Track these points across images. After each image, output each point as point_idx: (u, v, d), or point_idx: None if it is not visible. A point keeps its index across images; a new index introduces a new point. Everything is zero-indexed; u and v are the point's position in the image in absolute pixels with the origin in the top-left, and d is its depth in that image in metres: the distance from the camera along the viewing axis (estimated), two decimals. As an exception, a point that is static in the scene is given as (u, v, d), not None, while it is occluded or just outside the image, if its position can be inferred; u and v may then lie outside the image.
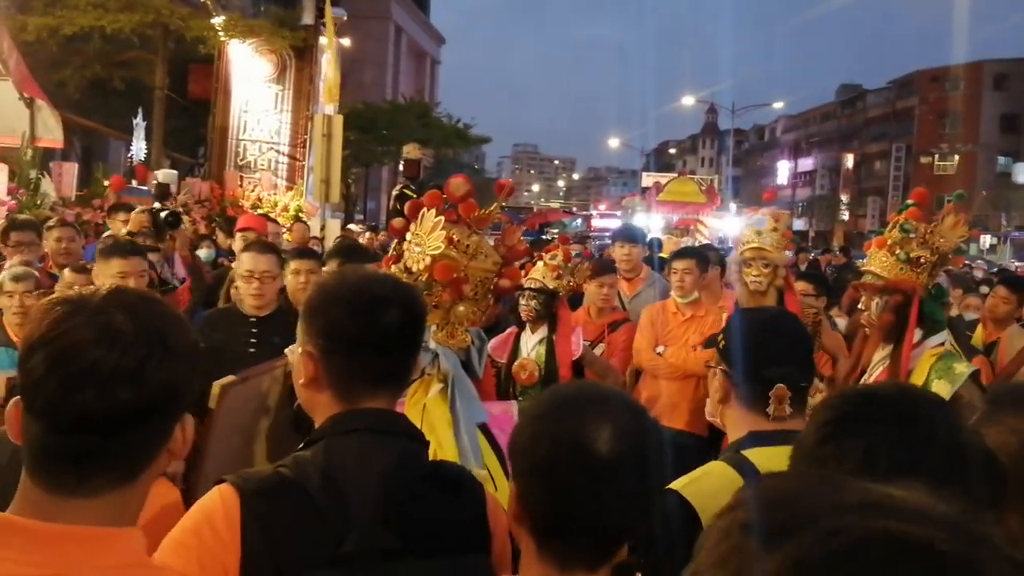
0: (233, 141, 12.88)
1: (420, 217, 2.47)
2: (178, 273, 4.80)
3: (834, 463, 1.06)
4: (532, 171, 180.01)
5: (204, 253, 6.99)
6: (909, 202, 3.50)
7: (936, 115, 55.52)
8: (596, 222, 35.00)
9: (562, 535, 1.24)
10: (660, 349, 4.60)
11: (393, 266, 2.53)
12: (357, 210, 30.15)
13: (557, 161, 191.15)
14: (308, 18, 13.48)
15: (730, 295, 5.27)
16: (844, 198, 62.13)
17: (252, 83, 12.89)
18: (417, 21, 46.76)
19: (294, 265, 4.12)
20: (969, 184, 39.37)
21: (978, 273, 13.63)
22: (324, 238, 10.06)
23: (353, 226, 16.03)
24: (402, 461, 1.46)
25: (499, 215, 2.63)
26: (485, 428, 2.47)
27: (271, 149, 12.91)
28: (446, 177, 2.63)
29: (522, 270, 3.90)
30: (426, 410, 2.38)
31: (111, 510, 1.08)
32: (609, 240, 15.11)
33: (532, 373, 4.13)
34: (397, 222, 2.62)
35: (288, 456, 1.49)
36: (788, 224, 4.06)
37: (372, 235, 12.75)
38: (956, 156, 53.31)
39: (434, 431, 2.30)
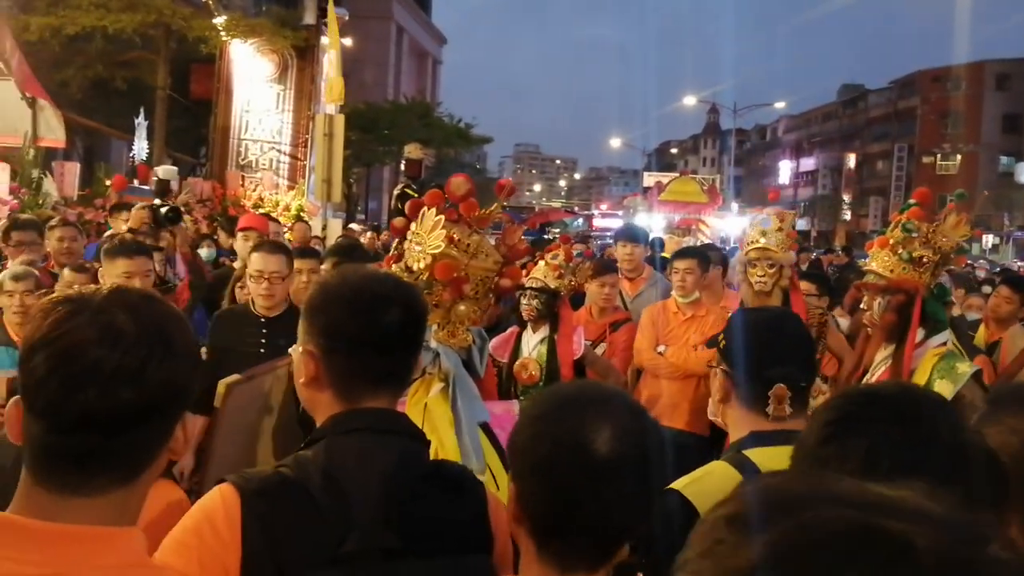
0: (235, 141, 12.88)
1: (421, 216, 2.47)
2: (179, 272, 4.79)
3: (836, 463, 1.05)
4: (534, 171, 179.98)
5: (205, 252, 7.00)
6: (911, 202, 3.50)
7: (938, 115, 55.47)
8: (598, 222, 34.99)
9: (562, 535, 1.24)
10: (661, 349, 4.59)
11: (394, 265, 2.53)
12: (359, 210, 30.16)
13: (559, 161, 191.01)
14: (310, 18, 13.50)
15: (731, 295, 5.27)
16: (846, 198, 62.09)
17: (254, 83, 12.89)
18: (419, 21, 46.76)
19: (295, 264, 4.12)
20: (971, 184, 39.40)
21: (980, 273, 13.62)
22: (326, 238, 10.07)
23: (354, 225, 16.03)
24: (403, 461, 1.46)
25: (500, 214, 2.63)
26: (487, 427, 2.47)
27: (273, 149, 12.92)
28: (448, 177, 2.63)
29: (523, 270, 3.90)
30: (427, 409, 2.38)
31: (112, 509, 1.08)
32: (611, 240, 15.13)
33: (533, 373, 4.13)
34: (398, 221, 2.62)
35: (289, 456, 1.49)
36: (793, 224, 4.05)
37: (373, 235, 12.75)
38: (958, 156, 53.27)
39: (435, 430, 2.30)
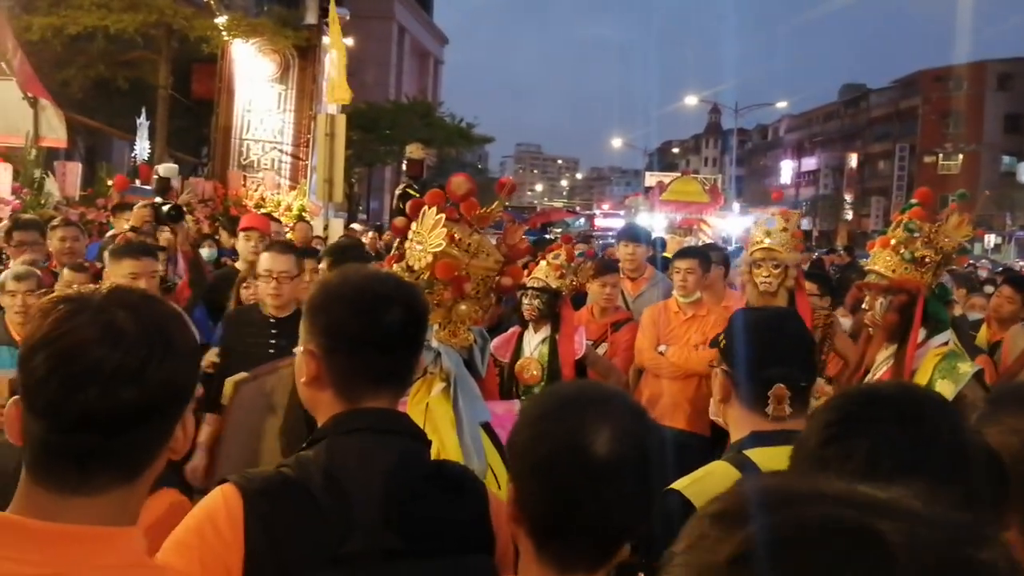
0: (236, 140, 12.87)
1: (421, 216, 2.47)
2: (180, 271, 4.78)
3: (837, 464, 1.05)
4: (535, 171, 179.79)
5: (206, 252, 6.99)
6: (913, 202, 3.50)
7: (940, 115, 55.41)
8: (599, 221, 34.90)
9: (561, 536, 1.23)
10: (662, 348, 4.59)
11: (395, 265, 2.53)
12: (360, 210, 30.15)
13: (560, 161, 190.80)
14: (311, 17, 13.49)
15: (733, 295, 5.26)
16: (848, 198, 62.02)
17: (255, 83, 12.88)
18: (420, 21, 46.74)
19: None
20: (973, 184, 39.37)
21: (982, 272, 13.60)
22: (327, 238, 10.07)
23: (356, 225, 16.02)
24: (404, 461, 1.46)
25: (501, 213, 2.63)
26: (488, 427, 2.47)
27: (274, 148, 12.91)
28: (449, 177, 2.63)
29: (525, 269, 3.90)
30: (429, 409, 2.37)
31: (112, 509, 1.07)
32: (613, 240, 15.10)
33: (535, 372, 4.13)
34: (399, 221, 2.62)
35: (291, 456, 1.49)
36: (798, 224, 4.04)
37: (375, 235, 12.74)
38: (960, 156, 53.20)
39: (437, 430, 2.30)
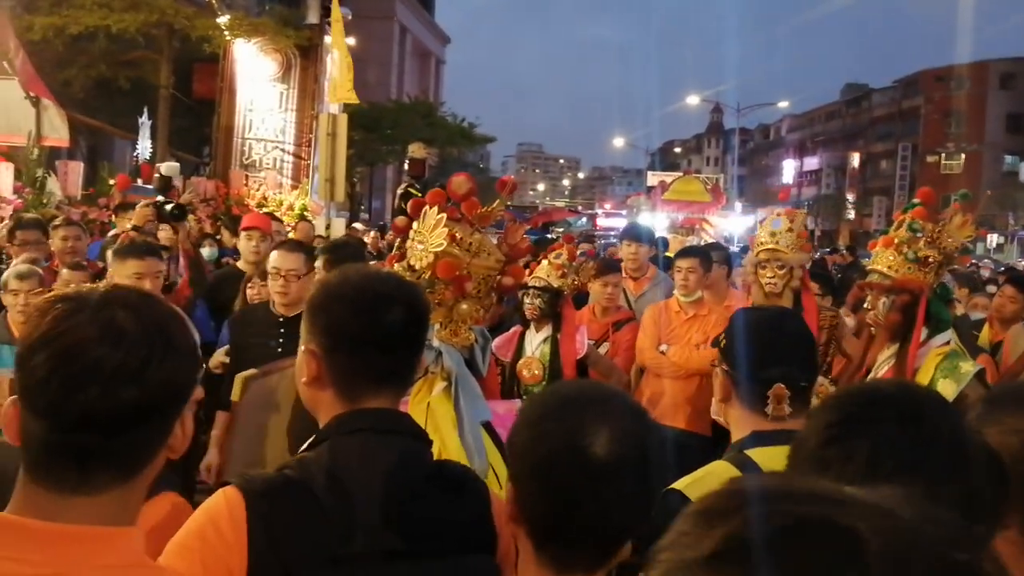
0: (238, 140, 12.86)
1: (423, 215, 2.47)
2: (180, 269, 4.79)
3: (838, 465, 1.04)
4: (537, 170, 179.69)
5: (207, 251, 6.98)
6: (915, 201, 3.49)
7: (942, 114, 55.37)
8: (601, 221, 34.85)
9: (561, 536, 1.23)
10: (663, 348, 4.58)
11: (396, 264, 2.52)
12: (362, 209, 30.15)
13: (562, 160, 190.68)
14: (313, 17, 13.47)
15: (735, 294, 5.25)
16: (850, 197, 61.98)
17: (257, 82, 12.88)
18: (422, 21, 46.74)
19: None
20: (975, 183, 39.33)
21: (985, 272, 13.57)
22: (329, 237, 10.05)
23: (358, 225, 16.02)
24: (405, 461, 1.46)
25: (502, 213, 2.62)
26: (489, 426, 2.47)
27: (276, 148, 12.90)
28: (451, 176, 2.62)
29: (526, 269, 3.89)
30: (430, 409, 2.37)
31: (113, 508, 1.07)
32: (615, 239, 15.10)
33: (536, 372, 4.12)
34: (400, 220, 2.62)
35: (295, 456, 1.49)
36: (804, 224, 4.02)
37: (377, 235, 12.74)
38: (962, 155, 53.18)
39: (438, 430, 2.29)
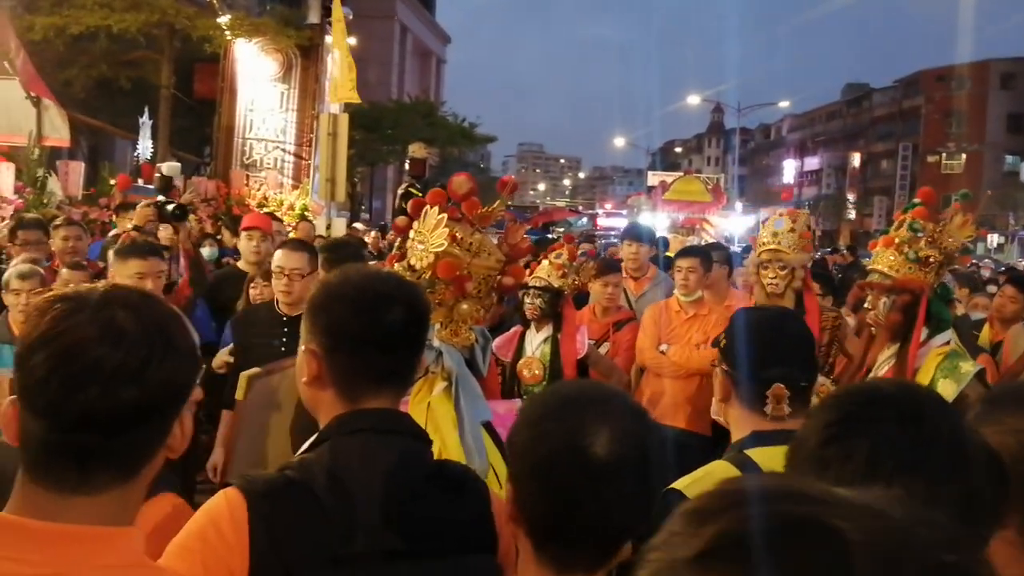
0: (239, 140, 12.86)
1: (423, 215, 2.47)
2: (181, 269, 4.81)
3: (838, 464, 1.03)
4: (537, 170, 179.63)
5: (207, 251, 6.98)
6: (915, 201, 3.49)
7: (943, 114, 55.37)
8: (602, 221, 34.85)
9: (561, 536, 1.22)
10: (663, 347, 4.58)
11: (397, 264, 2.53)
12: (363, 209, 30.16)
13: (563, 160, 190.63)
14: (314, 17, 13.47)
15: (736, 294, 5.25)
16: (850, 197, 61.97)
17: (258, 82, 12.88)
18: (423, 20, 46.74)
19: None
20: (976, 183, 39.33)
21: (985, 272, 13.57)
22: (330, 237, 10.05)
23: (358, 225, 16.02)
24: (405, 461, 1.46)
25: (502, 213, 2.62)
26: (489, 426, 2.47)
27: (277, 148, 12.90)
28: (451, 176, 2.63)
29: (527, 269, 3.89)
30: (430, 409, 2.37)
31: (112, 508, 1.07)
32: (615, 239, 15.09)
33: (536, 372, 4.12)
34: (400, 220, 2.62)
35: (294, 458, 1.49)
36: (808, 224, 4.01)
37: (377, 235, 12.74)
38: (963, 155, 53.18)
39: (439, 430, 2.29)
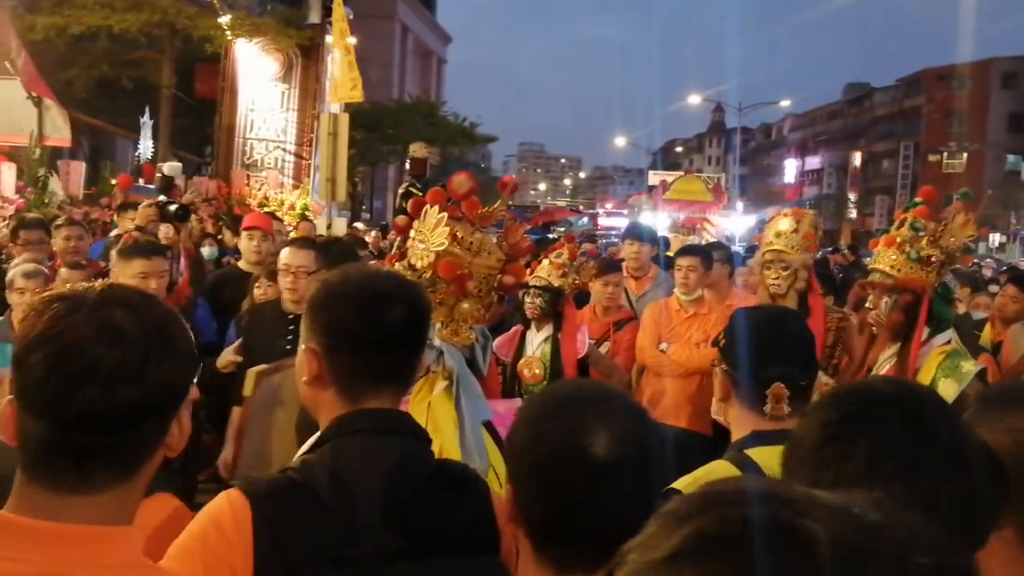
0: (240, 140, 12.86)
1: (423, 214, 2.47)
2: (182, 268, 4.82)
3: (836, 464, 1.02)
4: (538, 170, 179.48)
5: (207, 251, 6.99)
6: (917, 200, 3.49)
7: (944, 114, 55.33)
8: (602, 220, 34.84)
9: (561, 536, 1.22)
10: (663, 346, 4.58)
11: (397, 263, 2.53)
12: (363, 209, 30.17)
13: (563, 160, 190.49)
14: (315, 17, 13.47)
15: (737, 294, 5.25)
16: (851, 197, 61.91)
17: (258, 82, 12.88)
18: (423, 20, 46.75)
19: None
20: (977, 183, 39.26)
21: (987, 271, 13.57)
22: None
23: (359, 224, 16.02)
24: (406, 461, 1.45)
25: (503, 212, 2.62)
26: (490, 425, 2.47)
27: (278, 148, 12.90)
28: (452, 175, 2.63)
29: (527, 268, 3.90)
30: (431, 408, 2.38)
31: (111, 507, 1.07)
32: (616, 239, 15.06)
33: (537, 371, 4.12)
34: (401, 219, 2.62)
35: (297, 459, 1.49)
36: (814, 224, 3.99)
37: (378, 234, 12.73)
38: (964, 155, 53.14)
39: (439, 429, 2.30)
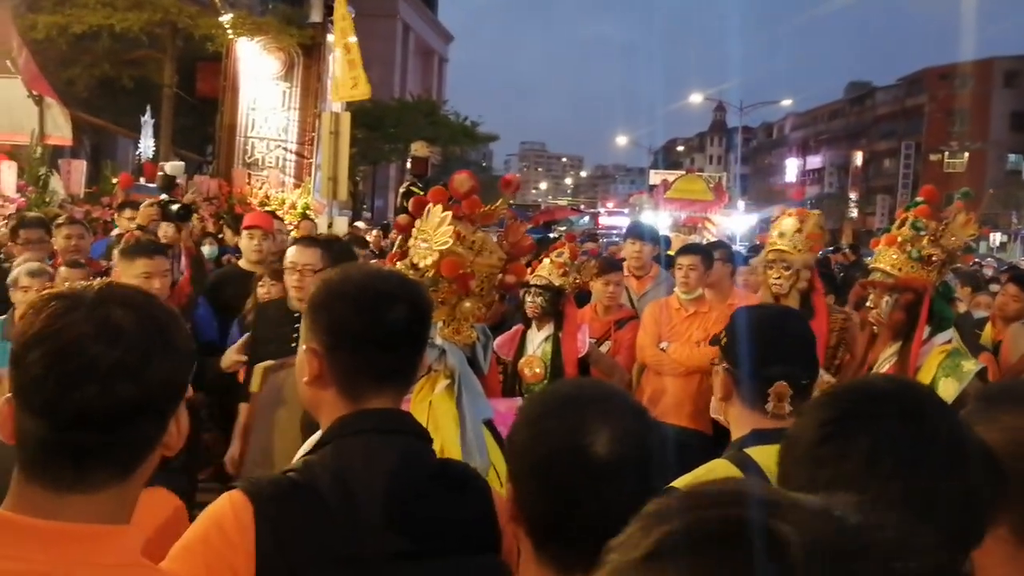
0: (241, 139, 12.87)
1: (426, 213, 2.47)
2: (182, 267, 4.83)
3: (834, 463, 1.02)
4: (540, 169, 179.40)
5: (207, 250, 7.00)
6: (918, 200, 3.49)
7: (945, 113, 55.30)
8: (603, 220, 34.82)
9: (561, 536, 1.21)
10: (664, 345, 4.58)
11: (399, 262, 2.53)
12: (364, 208, 30.16)
13: (565, 159, 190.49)
14: (316, 16, 13.46)
15: (739, 293, 5.25)
16: (853, 196, 61.86)
17: (260, 81, 12.88)
18: (425, 19, 46.72)
19: None
20: (979, 182, 39.20)
21: (987, 271, 13.57)
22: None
23: (360, 223, 16.03)
24: (408, 461, 1.45)
25: (505, 211, 2.63)
26: (491, 424, 2.47)
27: (279, 147, 12.90)
28: (453, 174, 2.63)
29: (528, 267, 3.90)
30: (432, 407, 2.38)
31: (109, 506, 1.07)
32: (617, 238, 15.01)
33: (538, 370, 4.12)
34: (402, 218, 2.62)
35: (299, 460, 1.49)
36: (819, 224, 3.98)
37: (379, 233, 12.73)
38: (965, 154, 53.10)
39: (439, 428, 2.30)
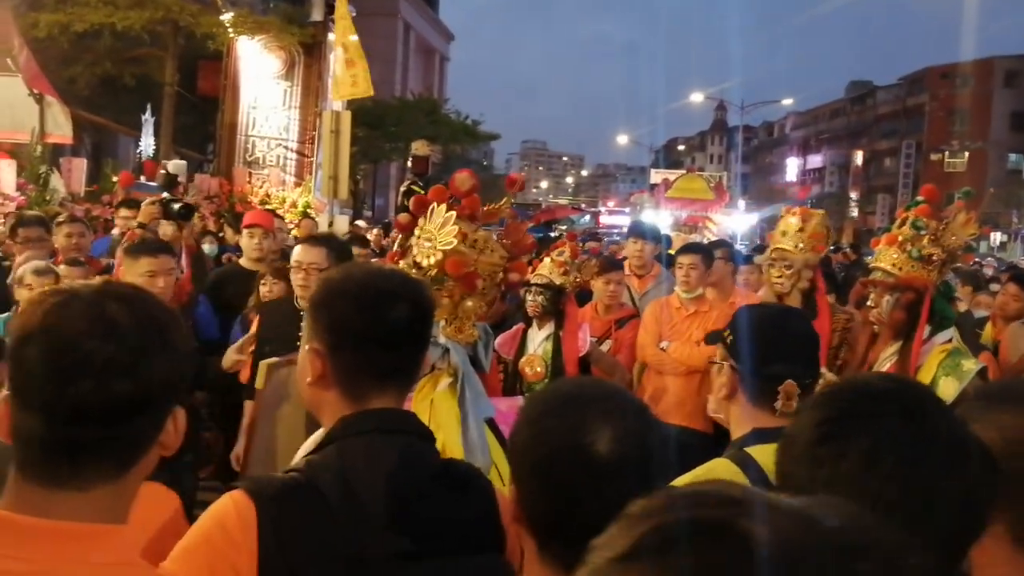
0: (242, 137, 12.88)
1: (430, 212, 2.47)
2: (183, 266, 4.82)
3: (832, 463, 1.01)
4: (540, 168, 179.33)
5: (207, 248, 7.00)
6: (919, 199, 3.49)
7: (946, 112, 55.31)
8: (604, 219, 34.84)
9: (563, 535, 1.21)
10: (664, 344, 4.58)
11: (401, 261, 2.53)
12: (365, 206, 30.17)
13: (566, 158, 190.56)
14: (317, 14, 13.46)
15: (741, 292, 5.25)
16: (853, 195, 61.86)
17: (261, 79, 12.89)
18: (426, 18, 46.70)
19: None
20: (979, 181, 39.21)
21: (988, 270, 13.57)
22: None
23: (361, 222, 16.03)
24: (411, 460, 1.45)
25: (508, 210, 2.63)
26: (492, 423, 2.48)
27: (280, 145, 12.91)
28: (454, 173, 2.63)
29: (529, 266, 3.90)
30: (433, 405, 2.38)
31: (105, 503, 1.06)
32: (618, 237, 14.99)
33: (539, 369, 4.12)
34: (403, 218, 2.63)
35: (301, 460, 1.49)
36: (824, 224, 3.97)
37: (380, 232, 12.73)
38: (966, 153, 53.10)
39: (441, 427, 2.30)
